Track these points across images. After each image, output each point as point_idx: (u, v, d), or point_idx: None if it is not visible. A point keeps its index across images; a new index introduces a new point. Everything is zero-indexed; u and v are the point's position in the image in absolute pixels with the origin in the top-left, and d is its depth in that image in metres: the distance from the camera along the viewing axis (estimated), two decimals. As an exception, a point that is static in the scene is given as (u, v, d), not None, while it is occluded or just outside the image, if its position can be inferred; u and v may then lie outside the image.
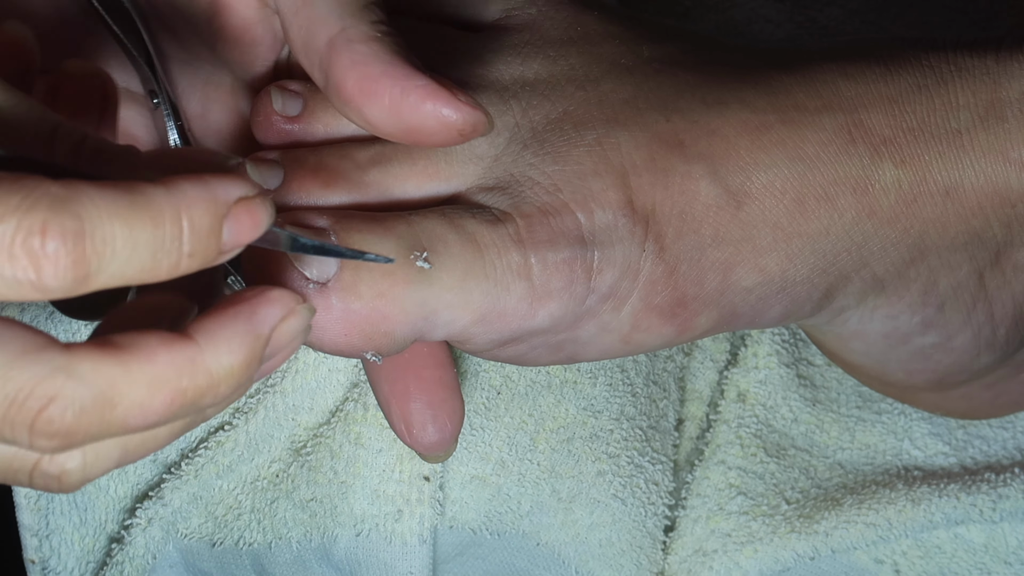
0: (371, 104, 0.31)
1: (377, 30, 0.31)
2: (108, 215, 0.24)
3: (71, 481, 0.27)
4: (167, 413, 0.25)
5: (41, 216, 0.23)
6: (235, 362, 0.26)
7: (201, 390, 0.26)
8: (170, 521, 0.41)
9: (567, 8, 0.38)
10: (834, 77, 0.35)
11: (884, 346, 0.38)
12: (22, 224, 0.23)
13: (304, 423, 0.41)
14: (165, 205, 0.25)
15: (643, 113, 0.34)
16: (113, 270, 0.24)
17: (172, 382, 0.25)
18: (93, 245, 0.24)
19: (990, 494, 0.41)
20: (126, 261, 0.24)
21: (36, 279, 0.23)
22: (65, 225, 0.23)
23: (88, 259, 0.24)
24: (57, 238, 0.23)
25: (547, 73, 0.36)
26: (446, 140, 0.31)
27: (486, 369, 0.41)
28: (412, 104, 0.31)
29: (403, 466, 0.39)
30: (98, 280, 0.24)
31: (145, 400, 0.25)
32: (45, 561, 0.40)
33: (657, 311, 0.34)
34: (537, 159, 0.34)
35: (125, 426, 0.25)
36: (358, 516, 0.39)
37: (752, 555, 0.41)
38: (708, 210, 0.34)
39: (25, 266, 0.23)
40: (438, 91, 0.31)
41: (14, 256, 0.23)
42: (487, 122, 0.31)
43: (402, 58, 0.31)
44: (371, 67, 0.31)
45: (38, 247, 0.23)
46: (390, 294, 0.31)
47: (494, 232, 0.32)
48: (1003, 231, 0.35)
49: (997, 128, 0.33)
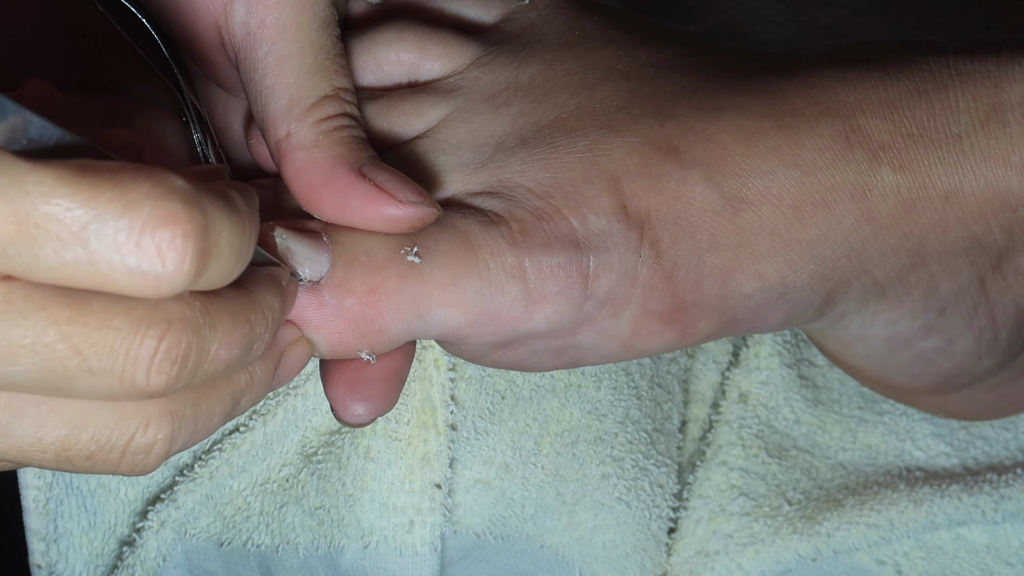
0: (319, 207, 0.32)
1: (321, 131, 0.32)
2: (220, 213, 0.24)
3: (158, 453, 0.27)
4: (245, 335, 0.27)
5: (172, 207, 0.23)
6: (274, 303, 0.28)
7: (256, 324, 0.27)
8: (181, 523, 0.41)
9: (566, 12, 0.38)
10: (832, 82, 0.34)
11: (885, 350, 0.38)
12: (154, 213, 0.22)
13: (318, 427, 0.41)
14: (245, 212, 0.25)
15: (638, 119, 0.34)
16: (215, 270, 0.24)
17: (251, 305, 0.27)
18: (211, 241, 0.24)
19: (992, 495, 0.41)
20: (224, 263, 0.25)
21: (162, 270, 0.23)
22: (194, 217, 0.23)
23: (209, 253, 0.24)
24: (188, 230, 0.23)
25: (542, 78, 0.36)
26: (398, 231, 0.32)
27: (490, 374, 0.41)
28: (355, 209, 0.31)
29: (414, 476, 0.39)
30: (207, 277, 0.24)
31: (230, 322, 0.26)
32: (52, 566, 0.40)
33: (657, 316, 0.34)
34: (526, 166, 0.34)
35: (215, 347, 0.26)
36: (365, 529, 0.39)
37: (754, 556, 0.41)
38: (704, 215, 0.33)
39: (152, 257, 0.23)
40: (377, 196, 0.31)
41: (142, 247, 0.23)
42: (434, 212, 0.31)
43: (342, 165, 0.31)
44: (312, 176, 0.31)
45: (168, 239, 0.23)
46: (383, 289, 0.31)
47: (487, 232, 0.32)
48: (1004, 236, 0.34)
49: (998, 132, 0.33)
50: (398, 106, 0.36)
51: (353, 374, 0.33)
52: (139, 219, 0.22)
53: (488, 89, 0.36)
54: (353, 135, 0.32)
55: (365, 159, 0.32)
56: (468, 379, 0.40)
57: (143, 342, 0.24)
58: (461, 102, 0.36)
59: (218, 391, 0.28)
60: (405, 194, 0.31)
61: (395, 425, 0.39)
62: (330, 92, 0.32)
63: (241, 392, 0.29)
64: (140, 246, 0.23)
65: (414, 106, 0.35)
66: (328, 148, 0.32)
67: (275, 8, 0.32)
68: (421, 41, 0.36)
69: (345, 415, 0.33)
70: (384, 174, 0.31)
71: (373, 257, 0.31)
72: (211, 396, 0.28)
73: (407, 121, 0.35)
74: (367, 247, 0.31)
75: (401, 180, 0.31)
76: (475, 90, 0.36)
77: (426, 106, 0.36)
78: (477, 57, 0.36)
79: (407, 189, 0.31)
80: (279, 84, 0.32)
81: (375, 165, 0.32)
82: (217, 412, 0.29)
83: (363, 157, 0.32)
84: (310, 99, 0.32)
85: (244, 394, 0.29)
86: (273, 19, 0.32)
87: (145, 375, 0.25)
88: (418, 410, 0.39)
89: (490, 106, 0.35)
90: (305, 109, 0.32)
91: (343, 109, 0.32)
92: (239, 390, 0.29)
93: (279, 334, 0.31)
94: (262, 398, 0.31)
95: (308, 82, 0.32)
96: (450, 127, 0.35)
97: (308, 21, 0.32)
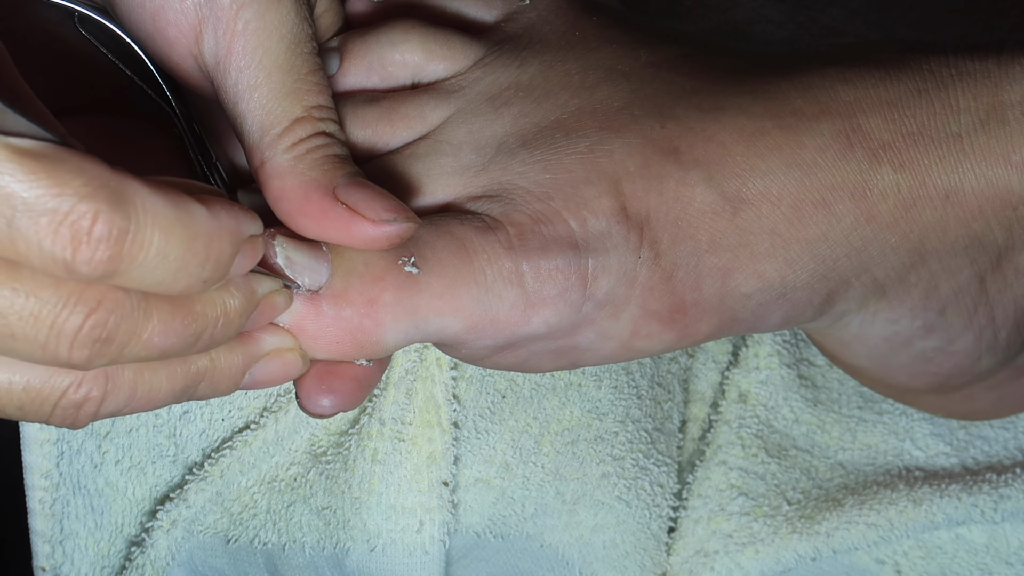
0: (302, 231, 0.31)
1: (294, 156, 0.31)
2: (154, 223, 0.24)
3: (88, 412, 0.27)
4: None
5: (97, 205, 0.23)
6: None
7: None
8: (191, 521, 0.40)
9: (567, 12, 0.37)
10: (832, 82, 0.34)
11: (885, 350, 0.37)
12: (77, 207, 0.23)
13: (327, 426, 0.40)
14: (202, 229, 0.25)
15: (638, 120, 0.34)
16: (136, 275, 0.25)
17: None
18: (131, 247, 0.24)
19: (991, 494, 0.40)
20: (151, 270, 0.25)
21: (69, 259, 0.24)
22: (115, 220, 0.24)
23: (123, 258, 0.24)
24: (104, 229, 0.24)
25: (543, 79, 0.35)
26: (380, 248, 0.31)
27: (491, 374, 0.40)
28: (334, 232, 0.31)
29: (421, 476, 0.39)
30: (119, 279, 0.25)
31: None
32: (57, 568, 0.39)
33: (656, 317, 0.34)
34: (526, 168, 0.33)
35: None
36: (372, 532, 0.39)
37: (753, 556, 0.41)
38: (704, 216, 0.33)
39: (64, 245, 0.23)
40: (351, 219, 0.31)
41: (59, 233, 0.23)
42: (411, 226, 0.31)
43: (316, 190, 0.31)
44: (289, 204, 0.31)
45: (85, 231, 0.23)
46: (380, 301, 0.31)
47: (483, 239, 0.32)
48: (1004, 234, 0.34)
49: (998, 131, 0.33)
50: (400, 109, 0.35)
51: (324, 366, 0.32)
52: (63, 208, 0.23)
53: (489, 90, 0.35)
54: (327, 154, 0.32)
55: (341, 178, 0.31)
56: (469, 378, 0.40)
57: (69, 317, 0.25)
58: (462, 103, 0.35)
59: (167, 368, 0.28)
60: (378, 213, 0.30)
61: (400, 426, 0.39)
62: (302, 114, 0.32)
63: (198, 375, 0.29)
64: (57, 233, 0.23)
65: (416, 108, 0.35)
66: (301, 174, 0.31)
67: (240, 36, 0.31)
68: (426, 42, 0.36)
69: (310, 404, 0.32)
70: (358, 193, 0.31)
71: (371, 268, 0.31)
72: (158, 371, 0.28)
73: (409, 124, 0.35)
74: (365, 257, 0.31)
75: (376, 198, 0.31)
76: (477, 91, 0.35)
77: (428, 108, 0.35)
78: (479, 58, 0.36)
79: (381, 208, 0.31)
80: (250, 112, 0.31)
81: (350, 184, 0.31)
82: (164, 388, 0.28)
83: (338, 177, 0.31)
84: (281, 124, 0.31)
85: (202, 378, 0.29)
86: (240, 47, 0.31)
87: (68, 348, 0.25)
88: (421, 409, 0.39)
89: (491, 106, 0.35)
90: (276, 136, 0.31)
91: (316, 128, 0.32)
92: (195, 372, 0.29)
93: (258, 337, 0.30)
94: (230, 391, 0.30)
95: (278, 107, 0.31)
96: (451, 128, 0.35)
97: (275, 45, 0.31)
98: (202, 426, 0.40)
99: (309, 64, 0.32)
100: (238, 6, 0.31)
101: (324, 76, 0.32)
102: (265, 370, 0.31)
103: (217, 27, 0.31)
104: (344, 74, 0.36)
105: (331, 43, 0.37)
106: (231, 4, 0.31)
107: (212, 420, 0.40)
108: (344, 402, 0.32)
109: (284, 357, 0.31)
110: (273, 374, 0.31)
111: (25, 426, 0.38)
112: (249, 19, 0.31)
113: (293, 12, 0.32)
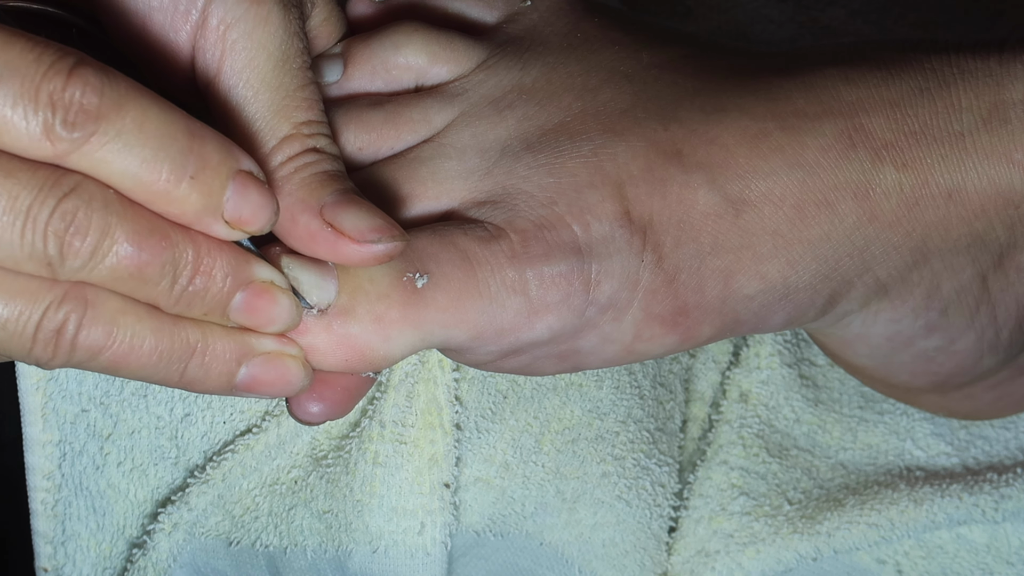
0: (296, 248, 0.31)
1: (282, 175, 0.31)
2: (127, 90, 0.25)
3: (68, 338, 0.27)
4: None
5: (74, 59, 0.24)
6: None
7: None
8: (193, 523, 0.40)
9: (568, 14, 0.37)
10: (834, 82, 0.33)
11: (887, 349, 0.37)
12: (57, 63, 0.24)
13: (328, 429, 0.40)
14: (180, 117, 0.26)
15: (641, 123, 0.33)
16: (112, 148, 0.25)
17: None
18: (107, 106, 0.25)
19: (992, 494, 0.40)
20: (129, 145, 0.25)
21: (49, 119, 0.24)
22: (89, 75, 0.24)
23: (100, 114, 0.25)
24: (80, 82, 0.24)
25: (545, 81, 0.35)
26: (369, 266, 0.31)
27: (493, 375, 0.40)
28: (322, 253, 0.30)
29: (422, 478, 0.38)
30: (97, 148, 0.25)
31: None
32: (59, 569, 0.39)
33: (659, 320, 0.33)
34: (531, 171, 0.33)
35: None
36: (374, 534, 0.38)
37: (754, 556, 0.40)
38: (707, 218, 0.32)
39: (45, 106, 0.24)
40: (337, 240, 0.30)
41: (40, 89, 0.24)
42: (399, 244, 0.30)
43: (304, 211, 0.30)
44: (280, 225, 0.31)
45: (61, 88, 0.24)
46: (387, 318, 0.31)
47: (487, 249, 0.32)
48: (1006, 233, 0.33)
49: (1000, 130, 0.32)
50: (404, 112, 0.35)
51: (315, 374, 0.32)
52: (45, 62, 0.24)
53: (493, 93, 0.35)
54: (316, 172, 0.31)
55: (329, 196, 0.30)
56: (471, 379, 0.39)
57: (44, 200, 0.25)
58: (466, 106, 0.35)
59: (154, 319, 0.28)
60: (363, 234, 0.30)
61: (401, 429, 0.38)
62: (290, 132, 0.31)
63: (187, 347, 0.28)
64: (39, 89, 0.24)
65: (420, 112, 0.35)
66: (289, 194, 0.30)
67: (228, 55, 0.31)
68: (429, 45, 0.35)
69: (299, 411, 0.32)
70: (343, 213, 0.30)
71: (376, 284, 0.31)
72: (143, 318, 0.28)
73: (414, 127, 0.34)
74: (370, 274, 0.31)
75: (362, 217, 0.30)
76: (480, 94, 0.35)
77: (432, 111, 0.35)
78: (482, 60, 0.36)
79: (367, 228, 0.30)
80: (239, 131, 0.31)
81: (337, 203, 0.30)
82: (148, 342, 0.28)
83: (326, 195, 0.30)
84: (269, 143, 0.31)
85: (192, 353, 0.28)
86: (228, 66, 0.31)
87: (43, 235, 0.25)
88: (423, 412, 0.38)
89: (494, 109, 0.34)
90: (264, 155, 0.31)
91: (305, 146, 0.31)
92: (183, 341, 0.28)
93: (259, 334, 0.30)
94: (222, 383, 0.29)
95: (266, 126, 0.31)
96: (455, 131, 0.34)
97: (263, 62, 0.31)
98: (204, 429, 0.39)
99: (298, 80, 0.31)
100: (226, 26, 0.30)
101: (315, 90, 0.32)
102: (263, 371, 0.30)
103: (207, 47, 0.31)
104: (348, 78, 0.36)
105: (334, 49, 0.36)
106: (219, 24, 0.30)
107: (214, 423, 0.39)
108: (333, 410, 0.32)
109: (285, 363, 0.30)
110: (271, 378, 0.30)
111: (28, 427, 0.38)
112: (236, 38, 0.30)
113: (282, 29, 0.31)
